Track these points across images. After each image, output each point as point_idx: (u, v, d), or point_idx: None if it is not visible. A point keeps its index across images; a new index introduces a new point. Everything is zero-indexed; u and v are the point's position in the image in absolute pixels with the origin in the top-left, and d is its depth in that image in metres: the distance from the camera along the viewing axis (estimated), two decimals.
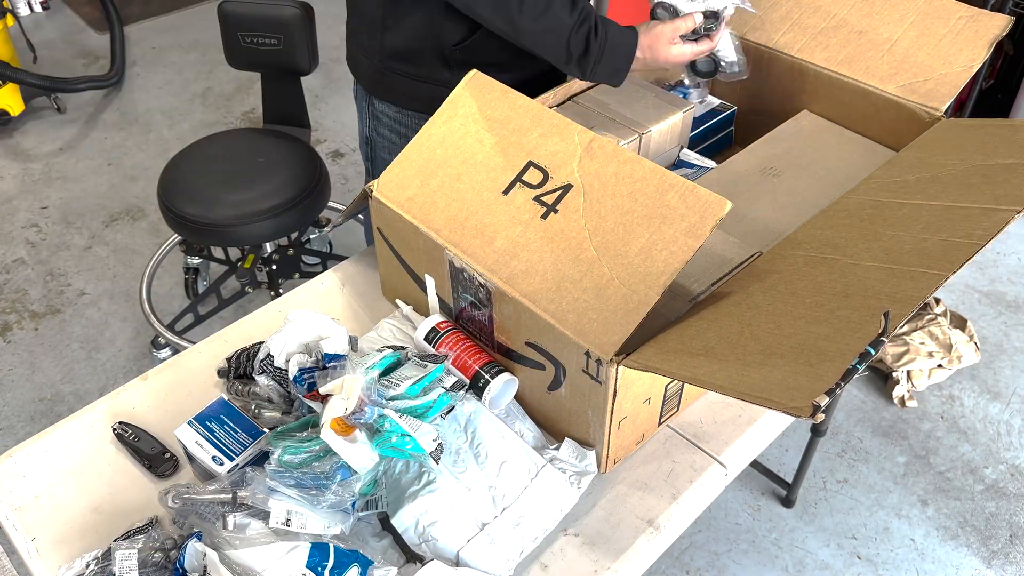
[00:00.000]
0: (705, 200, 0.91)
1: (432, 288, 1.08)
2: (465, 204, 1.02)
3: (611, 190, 0.96)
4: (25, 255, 2.71)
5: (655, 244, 0.91)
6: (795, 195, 1.18)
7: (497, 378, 0.98)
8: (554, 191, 0.99)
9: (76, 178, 3.02)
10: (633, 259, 0.91)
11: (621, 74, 1.25)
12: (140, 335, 2.43)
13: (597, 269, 0.92)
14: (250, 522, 0.83)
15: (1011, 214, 0.91)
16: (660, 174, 0.95)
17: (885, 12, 1.32)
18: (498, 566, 0.88)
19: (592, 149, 1.00)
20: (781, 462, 2.09)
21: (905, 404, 2.21)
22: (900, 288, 0.83)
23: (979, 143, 1.10)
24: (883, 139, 1.28)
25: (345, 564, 0.82)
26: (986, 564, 1.89)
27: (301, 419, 0.94)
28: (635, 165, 0.97)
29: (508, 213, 1.00)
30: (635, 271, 0.90)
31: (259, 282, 2.36)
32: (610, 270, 0.92)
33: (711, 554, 1.91)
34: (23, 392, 2.28)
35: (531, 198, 1.00)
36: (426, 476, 0.91)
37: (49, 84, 3.15)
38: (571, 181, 0.99)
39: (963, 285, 2.56)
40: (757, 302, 0.89)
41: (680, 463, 1.01)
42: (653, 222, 0.92)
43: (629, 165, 0.97)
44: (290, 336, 1.00)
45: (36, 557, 0.93)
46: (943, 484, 2.05)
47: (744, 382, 0.76)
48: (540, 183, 1.00)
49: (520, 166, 1.02)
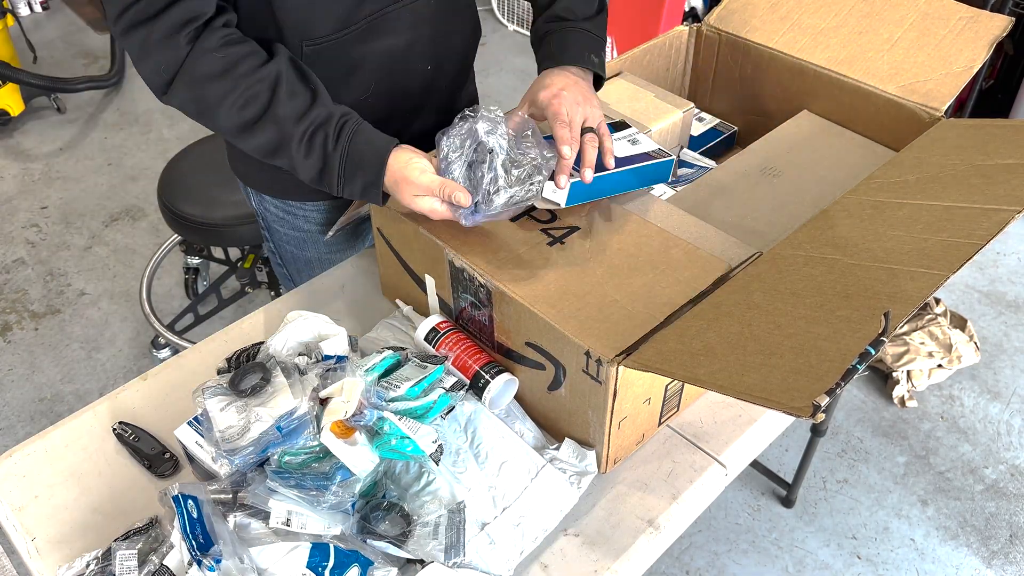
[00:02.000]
0: (707, 259, 0.98)
1: (432, 288, 1.08)
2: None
3: (617, 239, 1.01)
4: (25, 255, 2.71)
5: (658, 282, 0.96)
6: (795, 195, 1.18)
7: (497, 378, 0.98)
8: (561, 228, 1.03)
9: (76, 178, 3.02)
10: (637, 289, 0.95)
11: (373, 189, 0.98)
12: (140, 335, 2.43)
13: (601, 290, 0.94)
14: (251, 522, 0.84)
15: (1011, 214, 0.91)
16: (666, 234, 1.02)
17: (885, 12, 1.32)
18: (498, 566, 0.88)
19: (601, 206, 1.05)
20: (781, 462, 2.09)
21: (905, 404, 2.21)
22: (900, 288, 0.83)
23: (979, 143, 1.10)
24: (883, 139, 1.28)
25: (345, 564, 0.82)
26: (986, 564, 1.89)
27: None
28: (642, 224, 1.03)
29: (514, 234, 1.02)
30: (638, 298, 0.93)
31: (259, 282, 2.36)
32: (614, 293, 0.94)
33: (711, 554, 1.91)
34: (23, 392, 2.28)
35: (539, 228, 1.03)
36: (426, 476, 0.91)
37: (49, 84, 3.15)
38: (578, 224, 1.03)
39: (963, 285, 2.56)
40: (757, 302, 0.89)
41: (680, 463, 1.01)
42: (657, 268, 0.97)
43: (636, 223, 1.03)
44: (290, 336, 1.00)
45: (36, 557, 0.93)
46: (943, 484, 2.05)
47: (744, 382, 0.76)
48: (548, 220, 1.04)
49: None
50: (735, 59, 1.41)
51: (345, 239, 1.33)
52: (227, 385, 0.92)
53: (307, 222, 1.29)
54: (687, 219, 1.04)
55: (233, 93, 0.94)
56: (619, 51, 3.26)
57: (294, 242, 1.33)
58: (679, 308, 0.92)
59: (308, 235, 1.31)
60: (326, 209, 1.28)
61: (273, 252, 1.40)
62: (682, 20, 3.15)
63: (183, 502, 0.82)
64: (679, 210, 1.06)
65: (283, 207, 1.29)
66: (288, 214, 1.29)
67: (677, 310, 0.92)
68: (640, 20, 3.13)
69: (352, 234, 1.33)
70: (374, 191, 0.98)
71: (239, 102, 0.95)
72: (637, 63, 1.40)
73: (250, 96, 0.95)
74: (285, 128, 0.96)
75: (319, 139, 0.96)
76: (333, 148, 0.96)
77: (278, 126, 0.96)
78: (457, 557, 0.85)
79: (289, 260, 1.38)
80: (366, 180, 0.97)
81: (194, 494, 0.84)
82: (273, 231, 1.34)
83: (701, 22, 1.43)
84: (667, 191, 1.21)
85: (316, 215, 1.28)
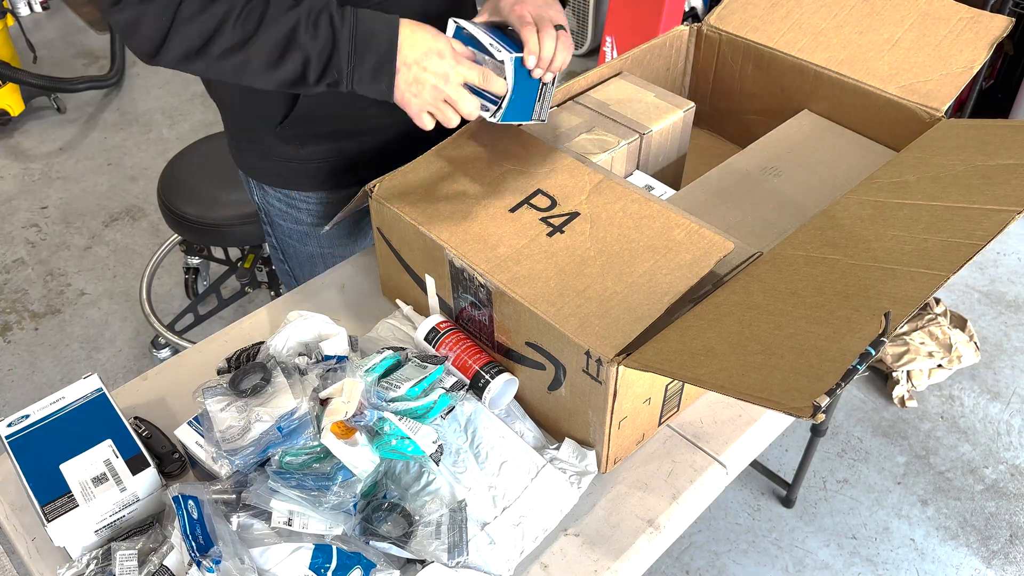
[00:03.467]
0: (710, 239, 0.97)
1: (432, 288, 1.08)
2: (469, 213, 1.03)
3: (618, 221, 1.00)
4: (25, 255, 2.71)
5: (659, 269, 0.94)
6: (795, 195, 1.18)
7: (497, 378, 0.98)
8: (561, 216, 1.02)
9: (76, 178, 3.02)
10: (637, 279, 0.94)
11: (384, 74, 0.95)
12: (140, 335, 2.43)
13: (601, 283, 0.94)
14: (253, 523, 0.84)
15: (1011, 214, 0.91)
16: (667, 213, 1.00)
17: (885, 13, 1.32)
18: (498, 566, 0.88)
19: (601, 187, 1.04)
20: (781, 462, 2.09)
21: (905, 404, 2.21)
22: (900, 288, 0.83)
23: (979, 143, 1.10)
24: (883, 139, 1.28)
25: (348, 566, 0.82)
26: (986, 564, 1.89)
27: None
28: (643, 204, 1.02)
29: (513, 227, 1.01)
30: (639, 289, 0.93)
31: (259, 282, 2.36)
32: (614, 285, 0.93)
33: (711, 554, 1.91)
34: (23, 392, 2.27)
35: (538, 218, 1.02)
36: (426, 476, 0.91)
37: (49, 84, 3.15)
38: (579, 210, 1.02)
39: (963, 285, 2.56)
40: (757, 302, 0.89)
41: (680, 463, 1.01)
42: (658, 251, 0.96)
43: (637, 203, 1.02)
44: (290, 336, 1.00)
45: (36, 557, 0.93)
46: (943, 484, 2.05)
47: (744, 382, 0.76)
48: (548, 208, 1.03)
49: (528, 192, 1.05)
50: (735, 59, 1.41)
51: (346, 232, 1.34)
52: (227, 385, 0.92)
53: (309, 215, 1.30)
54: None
55: (231, 13, 0.93)
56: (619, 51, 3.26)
57: (296, 236, 1.34)
58: (680, 297, 0.91)
59: (310, 228, 1.32)
60: (327, 201, 1.29)
61: (275, 248, 1.40)
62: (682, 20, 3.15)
63: (183, 502, 0.82)
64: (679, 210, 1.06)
65: (285, 200, 1.29)
66: (290, 207, 1.30)
67: (678, 300, 0.91)
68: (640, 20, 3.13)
69: (353, 228, 1.35)
70: (388, 68, 0.94)
71: (240, 18, 0.93)
72: (637, 63, 1.40)
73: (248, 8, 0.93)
74: (288, 20, 0.93)
75: (324, 20, 0.94)
76: (341, 23, 0.93)
77: (279, 22, 0.93)
78: (460, 557, 0.85)
79: (291, 255, 1.38)
80: (379, 55, 0.94)
81: (194, 494, 0.84)
82: (275, 225, 1.35)
83: (701, 22, 1.43)
84: (667, 191, 1.21)
85: (318, 208, 1.29)
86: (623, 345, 0.87)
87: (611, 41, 3.29)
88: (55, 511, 0.86)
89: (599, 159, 1.18)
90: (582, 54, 3.66)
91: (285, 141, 1.21)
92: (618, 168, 1.23)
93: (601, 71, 1.35)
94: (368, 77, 0.95)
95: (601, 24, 3.53)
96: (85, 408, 0.97)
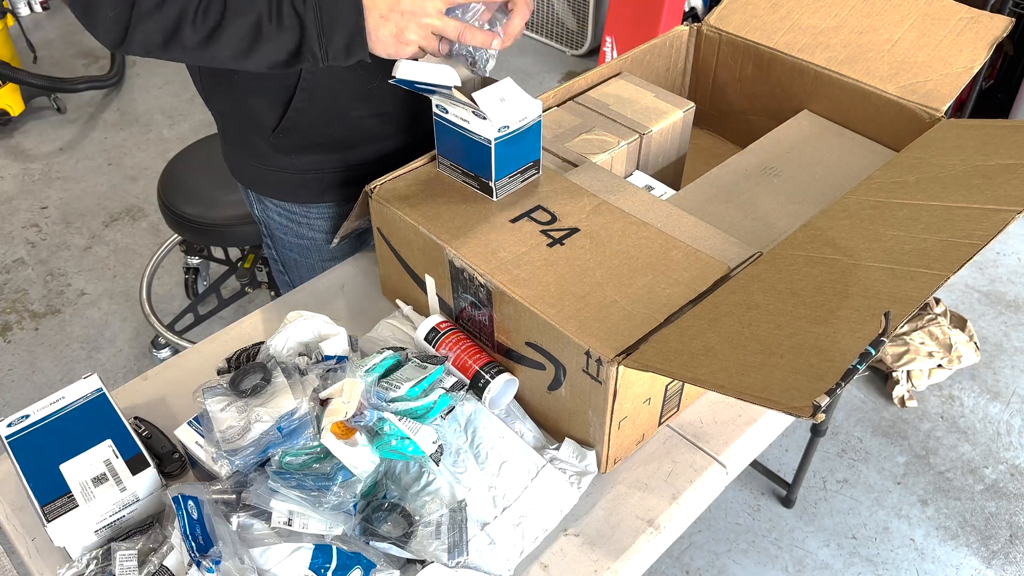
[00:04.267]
0: (707, 261, 0.98)
1: (432, 288, 1.08)
2: (469, 219, 1.04)
3: (617, 239, 1.01)
4: (25, 255, 2.71)
5: (658, 283, 0.96)
6: (795, 195, 1.18)
7: (497, 378, 0.98)
8: (561, 230, 1.03)
9: (76, 178, 3.02)
10: (637, 290, 0.95)
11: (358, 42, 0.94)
12: (140, 335, 2.43)
13: (601, 292, 0.94)
14: (254, 523, 0.84)
15: (1011, 214, 0.91)
16: (665, 236, 1.01)
17: (885, 13, 1.32)
18: (498, 566, 0.88)
19: (600, 209, 1.05)
20: (781, 462, 2.09)
21: (905, 404, 2.21)
22: (900, 288, 0.83)
23: (979, 143, 1.10)
24: (883, 139, 1.28)
25: (348, 566, 0.82)
26: (986, 564, 1.89)
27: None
28: (641, 226, 1.03)
29: (514, 236, 1.02)
30: (639, 299, 0.93)
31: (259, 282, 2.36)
32: (613, 294, 0.94)
33: (711, 554, 1.91)
34: (23, 392, 2.28)
35: (538, 230, 1.03)
36: (426, 476, 0.91)
37: (49, 84, 3.15)
38: (579, 226, 1.03)
39: (963, 285, 2.56)
40: (757, 302, 0.89)
41: (680, 463, 1.01)
42: (657, 269, 0.97)
43: (635, 225, 1.03)
44: (290, 336, 1.00)
45: (36, 557, 0.93)
46: (943, 484, 2.05)
47: (744, 382, 0.76)
48: (548, 222, 1.04)
49: (529, 207, 1.06)
50: (735, 59, 1.41)
51: (350, 246, 1.33)
52: (227, 385, 0.92)
53: (311, 229, 1.29)
54: (687, 219, 1.04)
55: (189, 6, 0.91)
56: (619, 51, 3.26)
57: (297, 249, 1.33)
58: (679, 309, 0.92)
59: (312, 243, 1.30)
60: (330, 216, 1.28)
61: (275, 259, 1.39)
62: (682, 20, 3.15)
63: (183, 503, 0.82)
64: (679, 210, 1.06)
65: (287, 215, 1.28)
66: (292, 222, 1.29)
67: (677, 311, 0.92)
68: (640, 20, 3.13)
69: (354, 240, 1.33)
70: (359, 40, 0.93)
71: (200, 9, 0.92)
72: (637, 63, 1.40)
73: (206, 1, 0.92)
74: (251, 13, 0.92)
75: (286, 5, 0.93)
76: (303, 4, 0.92)
77: (244, 14, 0.92)
78: (460, 557, 0.85)
79: (291, 267, 1.37)
80: (348, 29, 0.93)
81: (194, 495, 0.84)
82: (276, 239, 1.34)
83: (701, 22, 1.43)
84: (667, 191, 1.21)
85: (320, 222, 1.28)
86: (623, 346, 0.87)
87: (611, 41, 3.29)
88: (55, 511, 0.86)
89: (599, 159, 1.18)
90: (582, 54, 3.66)
91: (280, 151, 1.20)
92: (618, 168, 1.23)
93: (601, 71, 1.35)
94: (342, 54, 0.95)
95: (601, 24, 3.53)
96: (85, 408, 0.97)
